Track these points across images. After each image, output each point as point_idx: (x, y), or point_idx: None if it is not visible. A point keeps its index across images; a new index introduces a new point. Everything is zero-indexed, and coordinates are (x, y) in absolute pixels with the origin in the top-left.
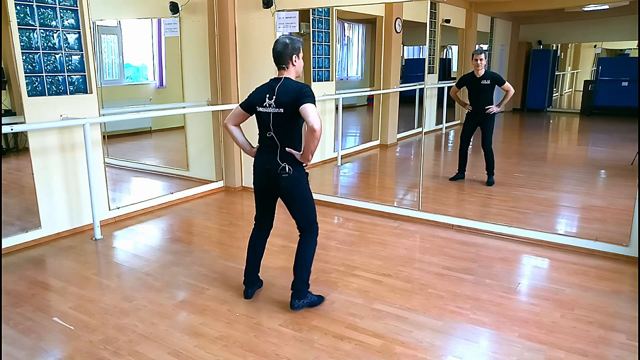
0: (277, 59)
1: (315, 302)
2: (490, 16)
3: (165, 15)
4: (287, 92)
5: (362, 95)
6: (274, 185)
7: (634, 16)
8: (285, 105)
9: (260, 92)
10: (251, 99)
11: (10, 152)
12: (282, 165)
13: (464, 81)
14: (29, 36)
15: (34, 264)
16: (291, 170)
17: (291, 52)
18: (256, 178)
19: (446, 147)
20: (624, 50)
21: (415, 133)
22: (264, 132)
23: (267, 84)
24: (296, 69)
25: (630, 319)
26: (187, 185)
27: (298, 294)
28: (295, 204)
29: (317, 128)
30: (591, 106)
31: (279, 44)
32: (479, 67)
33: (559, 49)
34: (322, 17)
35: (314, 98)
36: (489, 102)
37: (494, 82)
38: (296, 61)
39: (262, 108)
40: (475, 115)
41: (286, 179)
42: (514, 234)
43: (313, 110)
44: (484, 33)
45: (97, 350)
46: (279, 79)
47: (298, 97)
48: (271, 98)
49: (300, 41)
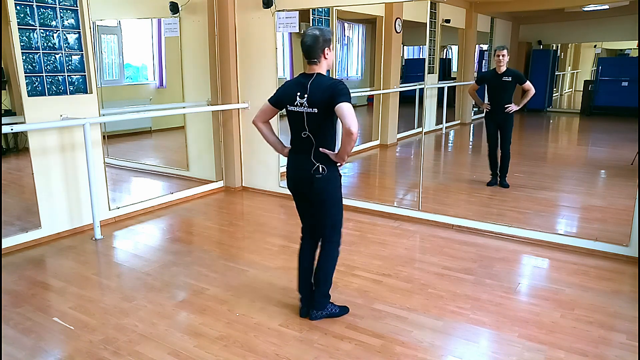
0: (307, 53)
1: (337, 313)
2: (490, 16)
3: (165, 15)
4: (320, 90)
5: (362, 95)
6: (307, 187)
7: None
8: (319, 105)
9: (289, 89)
10: (280, 96)
11: (10, 152)
12: (316, 165)
13: (484, 78)
14: (29, 36)
15: (34, 264)
16: (325, 171)
17: (322, 45)
18: (290, 181)
19: (446, 147)
20: (624, 50)
21: (415, 133)
22: (298, 131)
23: (296, 79)
24: (328, 63)
25: (630, 319)
26: (187, 185)
27: (317, 305)
28: (324, 208)
29: (355, 130)
30: (591, 106)
31: (309, 36)
32: (501, 63)
33: (559, 49)
34: (322, 17)
35: (349, 95)
36: (508, 101)
37: (515, 80)
38: (328, 54)
39: (294, 107)
40: (495, 115)
41: (319, 180)
42: (514, 234)
43: (350, 110)
44: (484, 33)
45: (97, 350)
46: (309, 75)
47: (333, 96)
48: (302, 97)
49: (330, 31)
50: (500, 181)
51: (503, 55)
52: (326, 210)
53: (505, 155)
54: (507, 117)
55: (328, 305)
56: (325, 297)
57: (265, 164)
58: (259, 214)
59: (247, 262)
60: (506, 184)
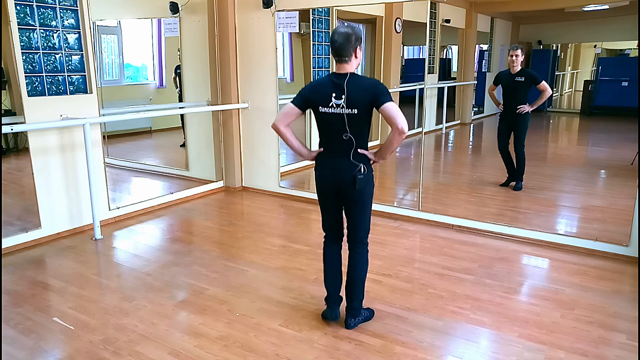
0: (339, 51)
1: (369, 317)
2: (490, 16)
3: (165, 15)
4: (360, 90)
5: None
6: (348, 189)
7: (634, 16)
8: (360, 105)
9: (321, 89)
10: (309, 97)
11: (10, 152)
12: (358, 165)
13: (500, 78)
14: (29, 36)
15: (34, 264)
16: (366, 171)
17: (355, 44)
18: (325, 184)
19: (446, 147)
20: (624, 50)
21: (415, 133)
22: (336, 133)
23: (326, 80)
24: (358, 62)
25: (630, 319)
26: (187, 185)
27: (354, 312)
28: (360, 208)
29: (407, 130)
30: (591, 106)
31: (340, 34)
32: (514, 63)
33: (559, 49)
34: (322, 17)
35: (390, 94)
36: (521, 102)
37: (528, 80)
38: (358, 54)
39: (329, 108)
40: (508, 116)
41: (361, 180)
42: (514, 234)
43: (398, 109)
44: (484, 33)
45: (97, 350)
46: (342, 75)
47: (375, 96)
48: (339, 97)
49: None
50: (516, 184)
51: (516, 56)
52: (365, 210)
53: (519, 157)
54: (520, 118)
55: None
56: (361, 302)
57: (265, 164)
58: (259, 214)
59: (247, 262)
60: (520, 186)
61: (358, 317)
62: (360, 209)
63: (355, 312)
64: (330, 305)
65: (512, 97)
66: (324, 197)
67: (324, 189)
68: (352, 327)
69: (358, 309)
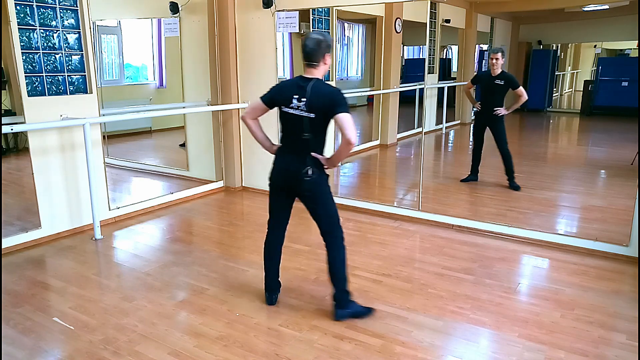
0: (308, 55)
1: (362, 312)
2: (490, 16)
3: (165, 15)
4: (320, 96)
5: (362, 95)
6: (296, 187)
7: (634, 16)
8: (318, 111)
9: (285, 90)
10: (275, 96)
11: (10, 152)
12: (306, 167)
13: (479, 78)
14: (29, 36)
15: (34, 264)
16: (314, 173)
17: (324, 50)
18: (276, 177)
19: (446, 147)
20: (624, 50)
21: (415, 133)
22: (294, 133)
23: (293, 81)
24: (325, 69)
25: (630, 319)
26: (187, 185)
27: (340, 303)
28: (318, 207)
29: (354, 141)
30: (591, 106)
31: (311, 40)
32: (494, 66)
33: (559, 49)
34: (322, 17)
35: (348, 105)
36: (498, 104)
37: (507, 84)
38: (327, 60)
39: (289, 109)
40: (483, 116)
41: (309, 182)
42: (514, 234)
43: (350, 121)
44: (484, 33)
45: (97, 350)
46: (308, 79)
47: (333, 104)
48: (301, 100)
49: (331, 38)
50: (510, 184)
51: (497, 59)
52: (322, 204)
53: (506, 155)
54: (495, 119)
55: (351, 304)
56: (345, 293)
57: (265, 164)
58: (259, 214)
59: (247, 262)
60: (516, 185)
61: (346, 309)
62: (317, 207)
63: (340, 303)
64: (267, 291)
65: (490, 98)
66: (274, 189)
67: (275, 182)
68: (339, 318)
69: (341, 299)
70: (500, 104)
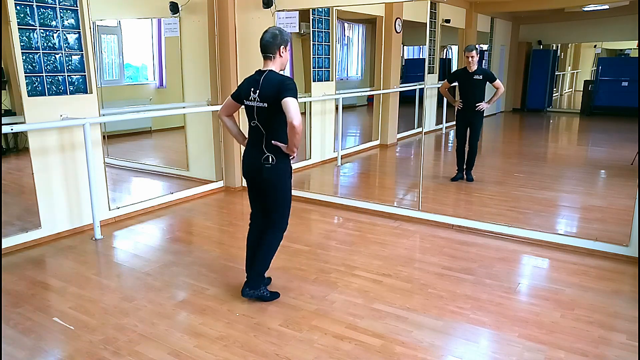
0: (265, 47)
1: (266, 297)
2: (490, 16)
3: (165, 15)
4: (270, 85)
5: (362, 95)
6: (258, 176)
7: (634, 16)
8: (268, 99)
9: (246, 84)
10: (239, 92)
11: (10, 152)
12: (266, 154)
13: (456, 76)
14: (29, 36)
15: (34, 264)
16: (274, 161)
17: (280, 43)
18: (244, 169)
19: (446, 147)
20: (624, 50)
21: (415, 133)
22: (251, 124)
23: (252, 76)
24: (282, 62)
25: (630, 319)
26: (187, 185)
27: (251, 283)
28: (272, 195)
29: (297, 124)
30: (591, 106)
31: (268, 33)
32: (470, 63)
33: (559, 49)
34: (322, 17)
35: (295, 91)
36: (480, 99)
37: (485, 78)
38: (283, 53)
39: (248, 102)
40: (466, 112)
41: (268, 169)
42: (514, 234)
43: (293, 104)
44: (484, 33)
45: (97, 350)
46: (263, 71)
47: (280, 91)
48: (255, 92)
49: (290, 35)
50: (467, 175)
51: (472, 57)
52: (275, 197)
53: (473, 150)
54: (478, 114)
55: (261, 287)
56: (260, 276)
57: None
58: None
59: None
60: (471, 177)
61: (255, 290)
62: (271, 195)
63: (252, 283)
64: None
65: (471, 94)
66: (247, 182)
67: (245, 174)
68: (246, 296)
69: (254, 279)
70: (482, 98)
